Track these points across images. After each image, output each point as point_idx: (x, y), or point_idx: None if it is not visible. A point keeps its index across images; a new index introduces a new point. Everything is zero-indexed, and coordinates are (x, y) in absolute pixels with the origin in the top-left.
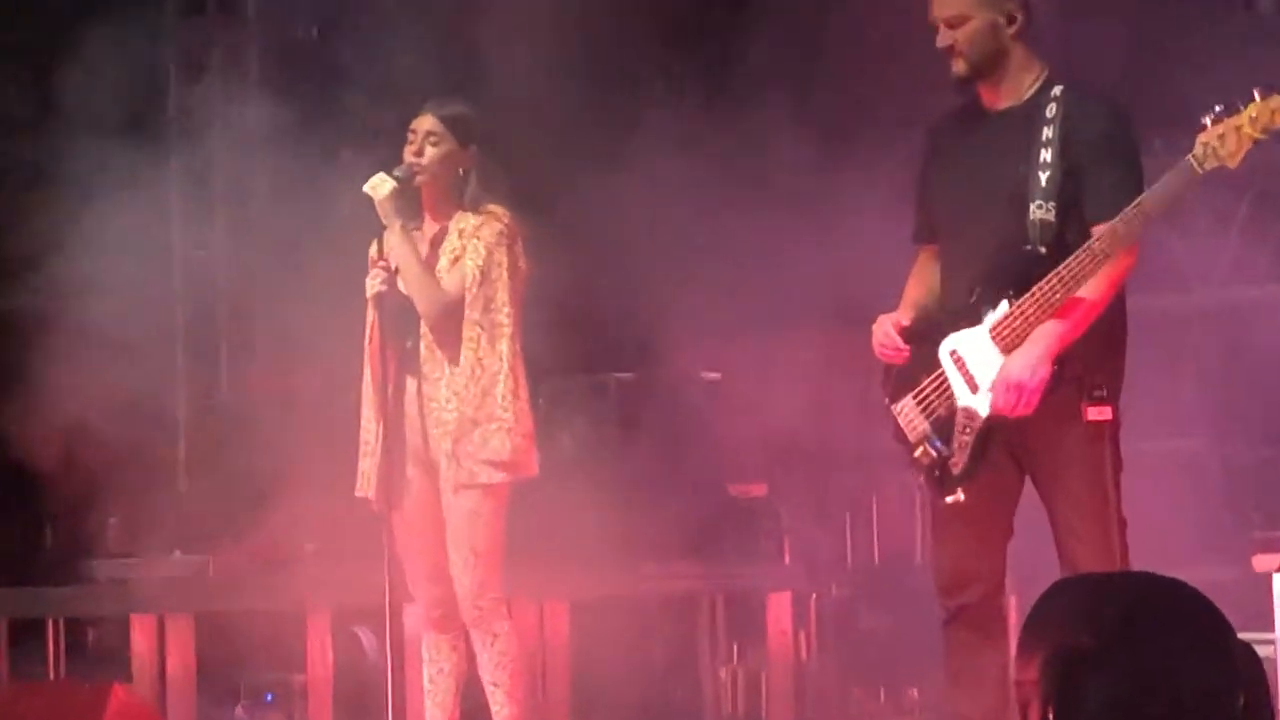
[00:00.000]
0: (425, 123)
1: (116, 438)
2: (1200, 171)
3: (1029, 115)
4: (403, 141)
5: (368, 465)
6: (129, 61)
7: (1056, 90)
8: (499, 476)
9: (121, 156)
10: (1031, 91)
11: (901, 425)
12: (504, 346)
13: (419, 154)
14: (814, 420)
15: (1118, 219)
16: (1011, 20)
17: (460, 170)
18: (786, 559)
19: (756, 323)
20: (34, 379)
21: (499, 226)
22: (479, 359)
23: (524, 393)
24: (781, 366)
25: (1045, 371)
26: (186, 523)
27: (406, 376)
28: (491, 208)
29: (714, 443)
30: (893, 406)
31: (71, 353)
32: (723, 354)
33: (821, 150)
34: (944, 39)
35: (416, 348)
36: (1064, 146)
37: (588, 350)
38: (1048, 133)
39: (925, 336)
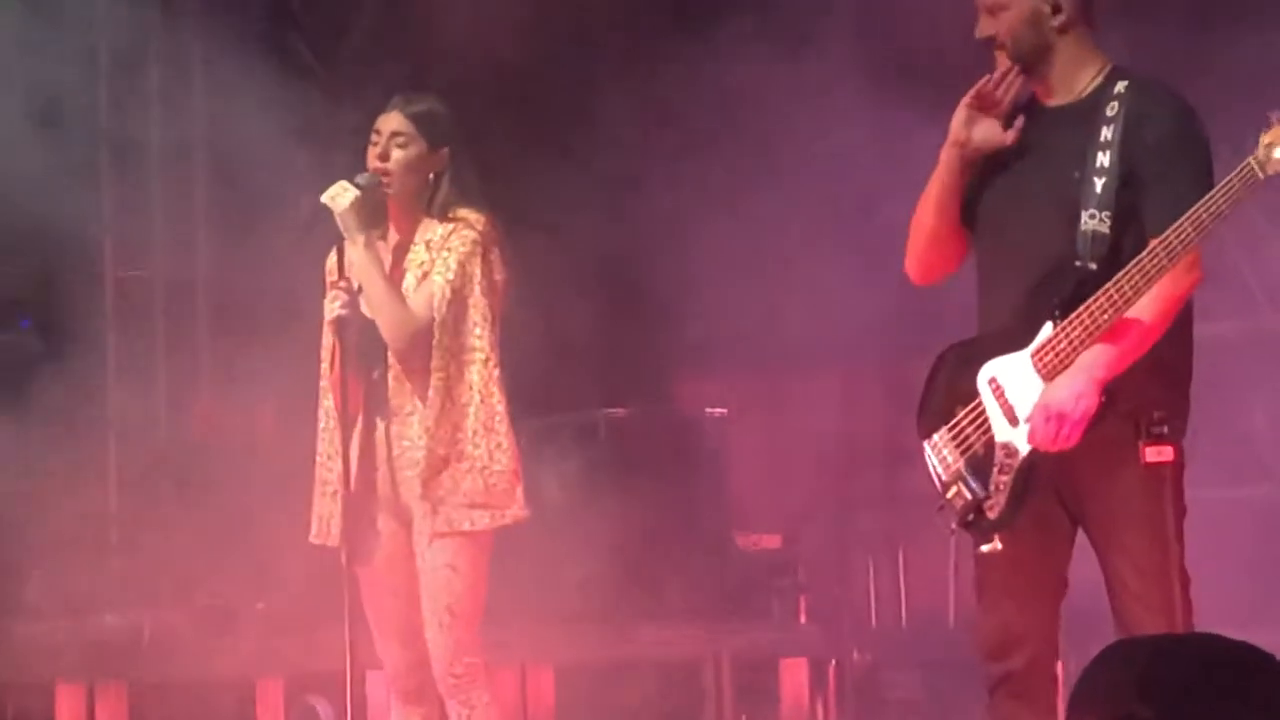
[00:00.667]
0: (392, 121)
1: (37, 481)
2: (1262, 175)
3: (1086, 114)
4: (364, 142)
5: (327, 508)
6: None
7: (1120, 86)
8: (482, 520)
9: (45, 158)
10: (1090, 88)
11: (933, 463)
12: (474, 374)
13: (384, 157)
14: (833, 462)
15: (1170, 229)
16: (1056, 9)
17: (431, 175)
18: (802, 619)
19: (768, 353)
20: None
21: (472, 234)
22: (448, 389)
23: (502, 425)
24: (796, 401)
25: (1091, 402)
26: (118, 579)
27: (374, 413)
28: (463, 213)
29: (720, 488)
30: (925, 442)
31: None
32: (730, 388)
33: (844, 175)
34: (984, 28)
35: (384, 379)
36: (1124, 149)
37: (574, 383)
38: (1106, 133)
39: (963, 361)
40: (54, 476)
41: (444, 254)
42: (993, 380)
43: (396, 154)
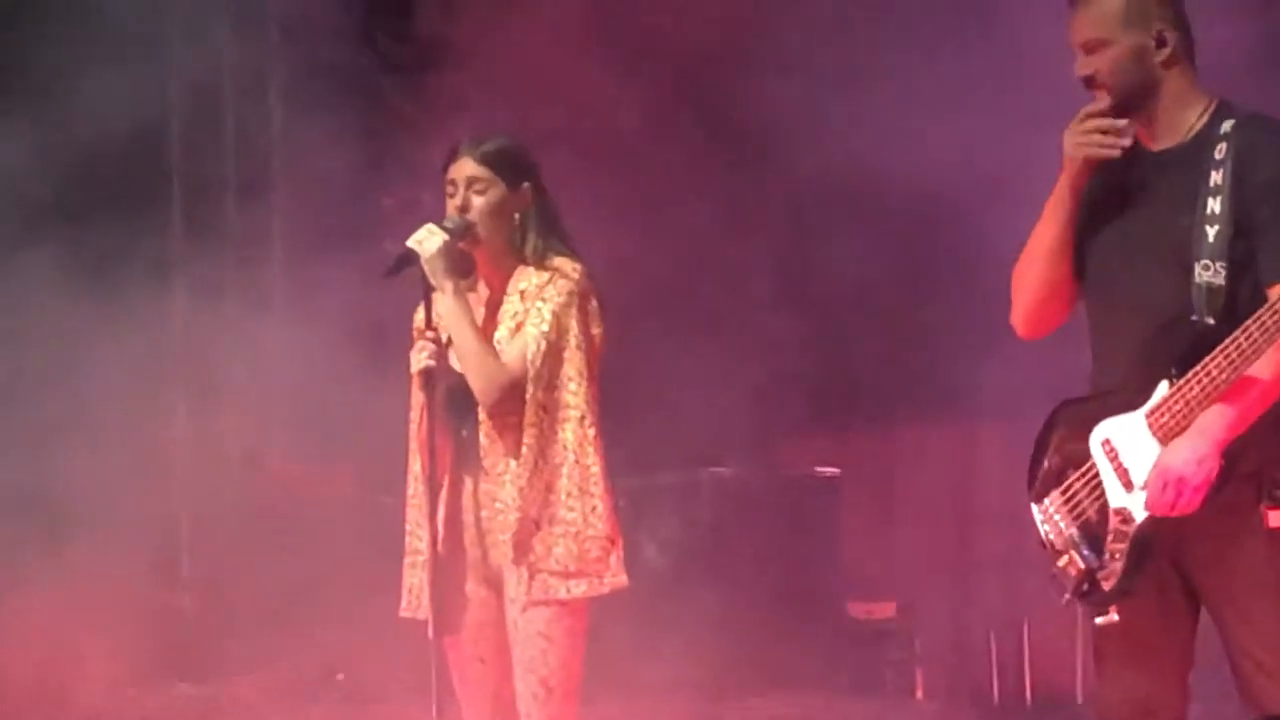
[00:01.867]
0: (465, 168)
1: (103, 543)
2: None
3: (1193, 156)
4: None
5: (417, 579)
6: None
7: (1226, 125)
8: (578, 589)
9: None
10: (1196, 128)
11: (1044, 529)
12: (569, 432)
13: (465, 207)
14: (952, 525)
15: None
16: (1162, 43)
17: (515, 216)
18: (919, 694)
19: (881, 409)
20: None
21: (568, 284)
22: (541, 448)
23: (598, 486)
24: (912, 459)
25: (1211, 465)
26: (191, 647)
27: (463, 472)
28: (558, 261)
29: (831, 552)
30: (1035, 506)
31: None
32: (841, 445)
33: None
34: (1083, 67)
35: (475, 436)
36: (1235, 194)
37: (677, 440)
38: (1216, 178)
39: (1075, 421)
40: (122, 539)
41: (538, 305)
42: (1106, 442)
43: (477, 201)
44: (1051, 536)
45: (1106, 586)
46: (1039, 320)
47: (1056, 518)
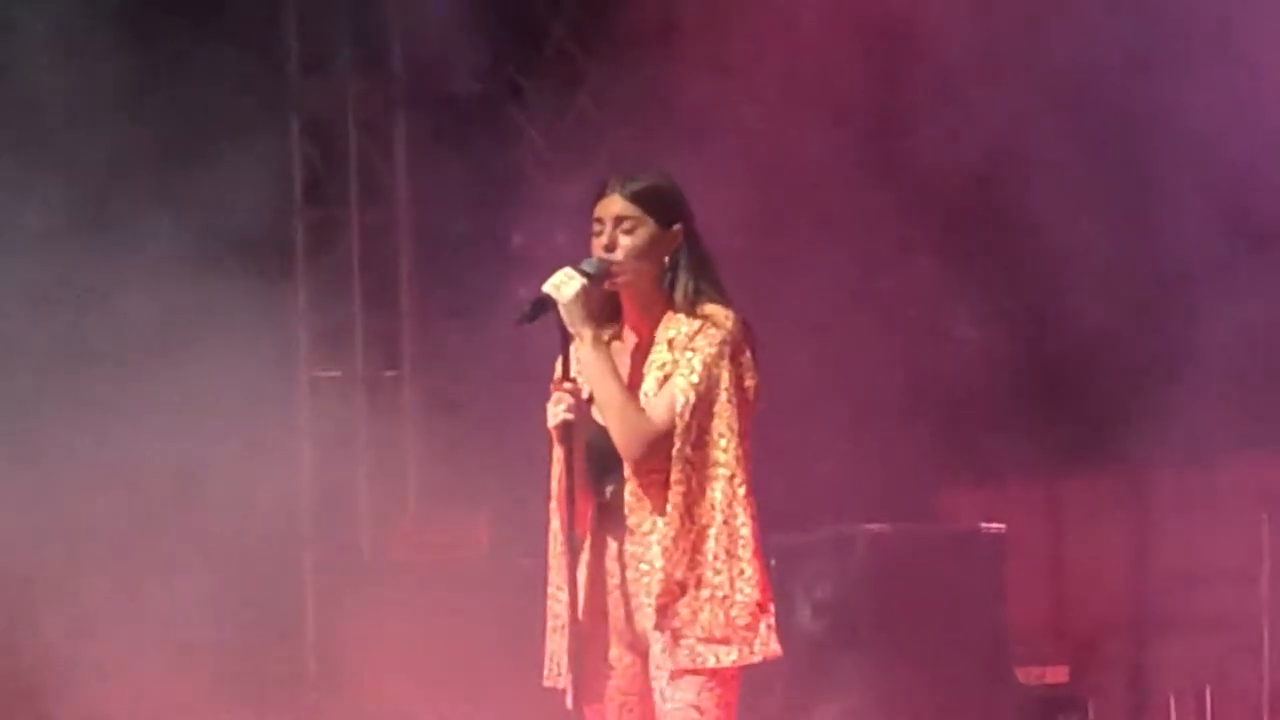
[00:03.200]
0: (614, 205)
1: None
2: None
3: None
4: (589, 220)
5: (558, 645)
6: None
7: None
8: (728, 657)
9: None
10: None
11: None
12: (718, 491)
13: (611, 246)
14: (1127, 582)
15: None
16: None
17: (665, 259)
18: None
19: (1049, 459)
20: None
21: (720, 334)
22: (689, 507)
23: (747, 549)
24: (1081, 514)
25: None
26: (318, 714)
27: (607, 531)
28: (710, 309)
29: (998, 613)
30: None
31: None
32: (1008, 498)
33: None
34: None
35: (620, 495)
36: None
37: (831, 495)
38: None
39: None
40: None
41: (688, 354)
42: None
43: (625, 241)
44: None
45: None
46: None
47: None
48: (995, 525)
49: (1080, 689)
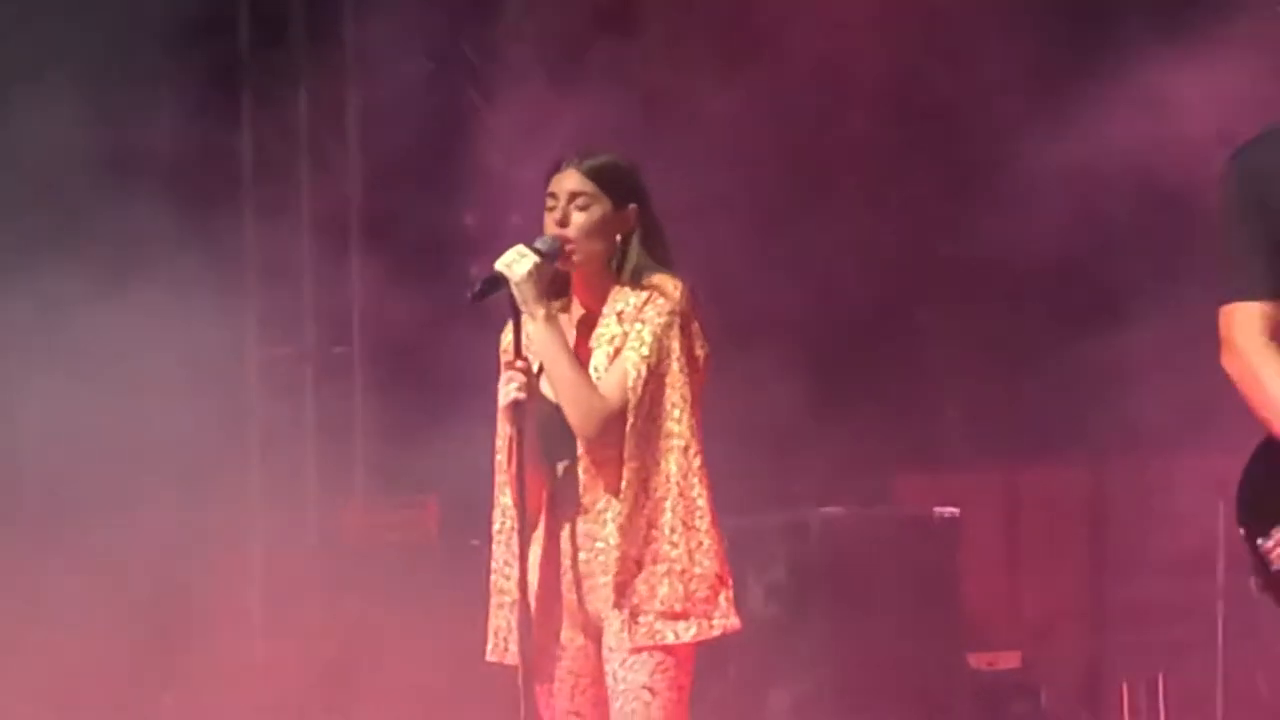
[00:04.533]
0: (569, 181)
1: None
2: None
3: None
4: (543, 199)
5: (503, 621)
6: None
7: None
8: (687, 633)
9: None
10: None
11: (1269, 560)
12: (672, 463)
13: (564, 222)
14: (1080, 569)
15: None
16: None
17: (617, 237)
18: None
19: (1004, 446)
20: None
21: (668, 304)
22: (643, 482)
23: (704, 520)
24: (1036, 501)
25: None
26: (263, 696)
27: (560, 511)
28: (658, 279)
29: (950, 599)
30: (1260, 541)
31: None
32: (961, 483)
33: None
34: None
35: (573, 472)
36: None
37: (784, 479)
38: None
39: None
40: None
41: (637, 326)
42: None
43: (578, 217)
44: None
45: None
46: None
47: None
48: (949, 510)
49: (1032, 676)
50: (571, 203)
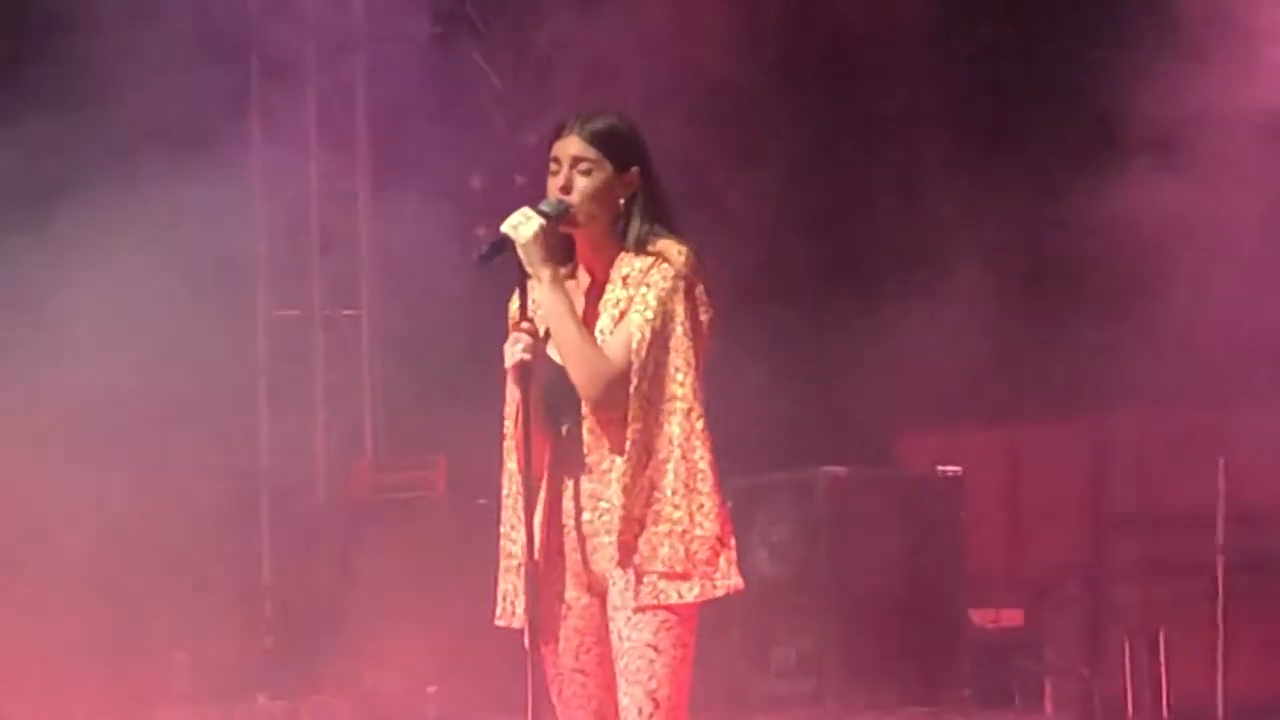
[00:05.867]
0: (571, 146)
1: (181, 549)
2: None
3: None
4: (548, 162)
5: (511, 585)
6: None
7: None
8: (690, 592)
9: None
10: None
11: None
12: (675, 425)
13: (567, 188)
14: (1082, 527)
15: None
16: None
17: (621, 200)
18: (1048, 708)
19: (1007, 404)
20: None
21: (672, 269)
22: (646, 443)
23: (706, 483)
24: (1040, 457)
25: None
26: (273, 657)
27: (564, 471)
28: (663, 244)
29: (954, 556)
30: None
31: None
32: (964, 442)
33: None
34: None
35: (577, 433)
36: None
37: (789, 438)
38: None
39: None
40: (201, 545)
41: (642, 290)
42: None
43: (581, 182)
44: None
45: None
46: None
47: None
48: (952, 469)
49: (1035, 632)
50: (574, 168)
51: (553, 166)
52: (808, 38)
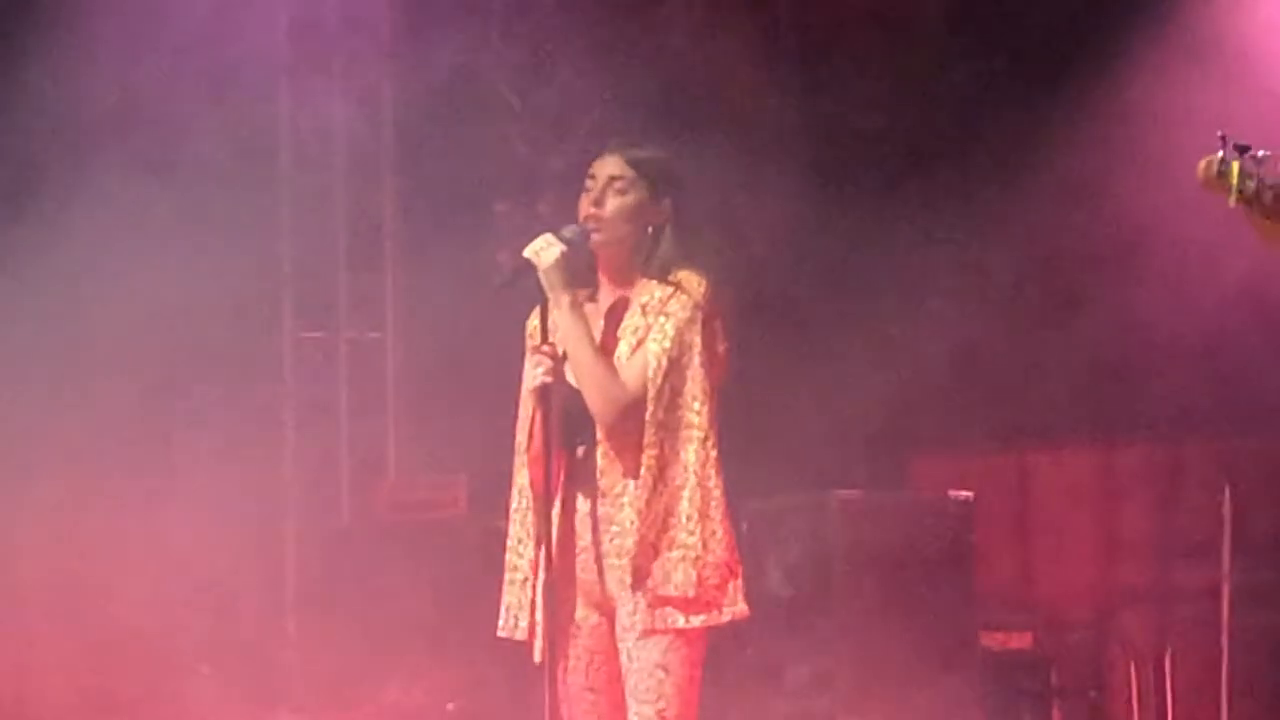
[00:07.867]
0: (610, 165)
1: (208, 568)
2: None
3: None
4: (571, 191)
5: (515, 597)
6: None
7: None
8: (696, 619)
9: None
10: None
11: None
12: (691, 453)
13: (599, 203)
14: (1091, 551)
15: None
16: None
17: (649, 228)
18: None
19: (1017, 429)
20: None
21: (691, 299)
22: (661, 470)
23: (718, 511)
24: (1050, 483)
25: None
26: (294, 672)
27: (578, 492)
28: (683, 274)
29: (964, 579)
30: None
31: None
32: (975, 468)
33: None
34: None
35: (592, 456)
36: None
37: (803, 462)
38: None
39: None
40: (224, 561)
41: (660, 320)
42: None
43: (613, 201)
44: None
45: None
46: None
47: None
48: (963, 493)
49: (1043, 655)
50: (609, 186)
51: (588, 184)
52: (826, 60)
